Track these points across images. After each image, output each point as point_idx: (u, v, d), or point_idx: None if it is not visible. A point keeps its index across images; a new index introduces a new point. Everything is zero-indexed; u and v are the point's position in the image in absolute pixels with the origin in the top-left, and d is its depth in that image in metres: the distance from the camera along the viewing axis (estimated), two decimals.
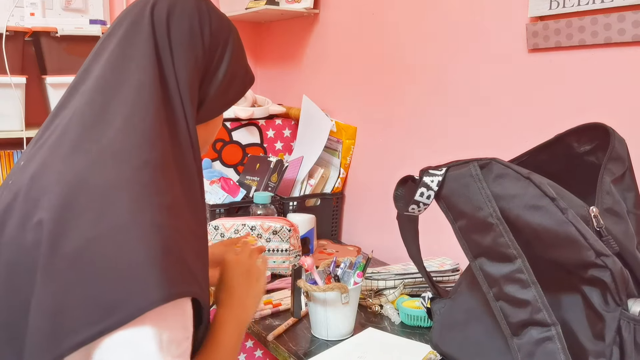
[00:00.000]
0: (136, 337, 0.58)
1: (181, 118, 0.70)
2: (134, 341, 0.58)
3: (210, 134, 0.82)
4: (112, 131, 0.64)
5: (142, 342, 0.58)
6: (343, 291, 1.01)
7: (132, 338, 0.58)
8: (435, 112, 1.46)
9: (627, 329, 0.73)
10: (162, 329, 0.59)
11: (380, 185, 1.65)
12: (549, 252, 0.78)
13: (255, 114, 1.80)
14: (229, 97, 0.79)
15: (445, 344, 0.97)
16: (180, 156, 0.69)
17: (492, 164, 0.81)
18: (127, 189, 0.61)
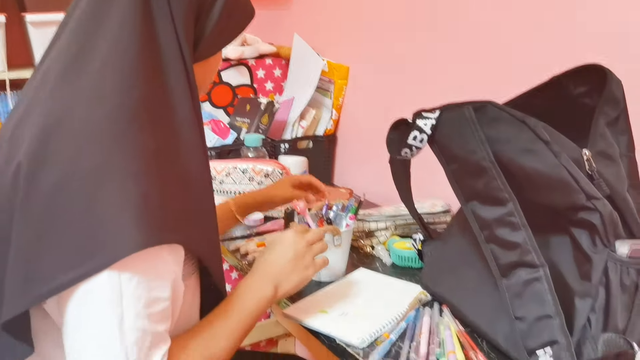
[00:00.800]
0: (96, 288, 0.56)
1: (174, 56, 0.66)
2: (94, 292, 0.56)
3: (209, 72, 0.78)
4: (91, 71, 0.62)
5: (100, 295, 0.56)
6: (335, 233, 1.02)
7: (93, 289, 0.56)
8: (430, 52, 1.43)
9: (613, 269, 0.74)
10: (128, 283, 0.57)
11: (373, 127, 1.63)
12: (541, 195, 0.79)
13: (245, 53, 1.76)
14: (227, 32, 0.75)
15: (436, 285, 0.99)
16: (169, 97, 0.65)
17: (487, 107, 0.80)
18: (103, 131, 0.59)
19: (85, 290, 0.56)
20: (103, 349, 0.57)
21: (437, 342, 0.86)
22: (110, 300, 0.56)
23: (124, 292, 0.57)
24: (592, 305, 0.75)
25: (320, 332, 0.91)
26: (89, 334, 0.57)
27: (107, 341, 0.57)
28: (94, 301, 0.57)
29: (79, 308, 0.57)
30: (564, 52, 1.13)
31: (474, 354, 0.84)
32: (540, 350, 0.77)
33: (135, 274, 0.58)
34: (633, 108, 0.83)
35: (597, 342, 0.74)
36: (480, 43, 1.29)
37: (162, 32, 0.66)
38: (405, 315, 0.93)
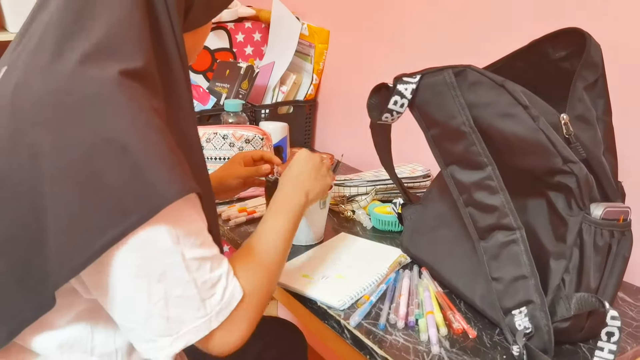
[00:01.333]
0: (152, 235, 0.59)
1: (166, 25, 0.67)
2: (150, 239, 0.60)
3: (199, 42, 0.79)
4: (94, 37, 0.62)
5: (158, 239, 0.60)
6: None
7: (149, 237, 0.59)
8: (412, 16, 1.41)
9: (587, 231, 0.76)
10: (177, 224, 0.61)
11: (354, 92, 1.62)
12: (519, 159, 0.80)
13: (224, 16, 1.72)
14: (216, 3, 0.76)
15: (415, 248, 1.01)
16: (165, 66, 0.67)
17: (467, 71, 0.80)
18: (118, 95, 0.60)
19: (140, 239, 0.59)
20: (174, 282, 0.61)
21: (416, 303, 0.88)
22: (169, 242, 0.60)
23: (177, 231, 0.61)
24: (566, 266, 0.77)
25: (302, 295, 0.92)
26: (157, 274, 0.61)
27: (177, 275, 0.61)
28: (154, 245, 0.60)
29: (139, 255, 0.60)
30: (545, 14, 1.12)
31: (452, 314, 0.86)
32: (515, 310, 0.79)
33: (182, 214, 0.62)
34: (611, 72, 0.84)
35: (570, 302, 0.76)
36: (462, 6, 1.28)
37: (156, 1, 0.66)
38: (385, 278, 0.95)
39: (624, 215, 0.78)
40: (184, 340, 0.63)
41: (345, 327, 0.85)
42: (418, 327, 0.84)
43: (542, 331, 0.76)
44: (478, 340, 0.82)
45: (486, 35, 1.24)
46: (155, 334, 0.63)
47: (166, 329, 0.63)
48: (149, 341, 0.63)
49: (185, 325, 0.63)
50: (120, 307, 0.63)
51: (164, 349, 0.63)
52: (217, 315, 0.65)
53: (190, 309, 0.63)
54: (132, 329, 0.64)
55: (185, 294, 0.62)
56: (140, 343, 0.64)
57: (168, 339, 0.63)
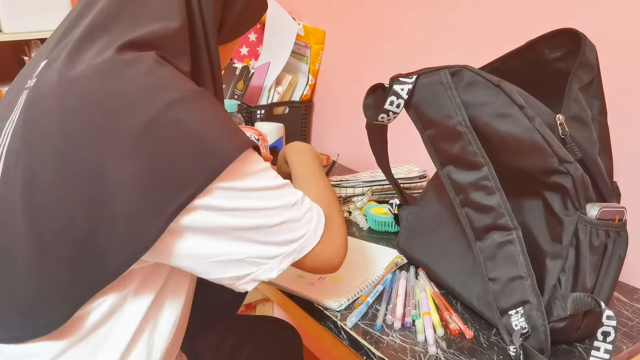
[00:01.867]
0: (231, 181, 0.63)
1: (200, 36, 0.71)
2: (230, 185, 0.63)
3: (228, 54, 0.84)
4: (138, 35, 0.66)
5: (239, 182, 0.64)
6: None
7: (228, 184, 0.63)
8: (408, 17, 1.41)
9: (583, 231, 0.76)
10: (255, 162, 0.66)
11: (350, 93, 1.62)
12: (515, 159, 0.80)
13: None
14: (247, 20, 0.81)
15: (412, 248, 1.01)
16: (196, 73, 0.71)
17: (463, 71, 0.80)
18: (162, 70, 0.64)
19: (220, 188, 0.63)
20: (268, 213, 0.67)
21: (412, 304, 0.88)
22: (250, 180, 0.65)
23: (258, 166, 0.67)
24: (562, 265, 0.77)
25: (298, 296, 0.92)
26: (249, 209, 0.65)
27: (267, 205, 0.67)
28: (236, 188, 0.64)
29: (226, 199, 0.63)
30: (540, 15, 1.13)
31: (449, 315, 0.86)
32: (512, 310, 0.79)
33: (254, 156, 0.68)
34: (606, 72, 0.84)
35: (566, 301, 0.77)
36: (458, 6, 1.28)
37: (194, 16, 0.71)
38: (382, 279, 0.95)
39: (620, 215, 0.78)
40: (290, 257, 0.70)
41: (342, 328, 0.84)
42: (415, 328, 0.84)
43: (539, 331, 0.77)
44: (475, 340, 0.82)
45: (482, 36, 1.24)
46: (265, 258, 0.68)
47: (274, 251, 0.68)
48: (259, 265, 0.68)
49: (289, 245, 0.69)
50: (224, 245, 0.66)
51: (274, 268, 0.69)
52: (315, 231, 0.71)
53: (291, 231, 0.68)
54: (238, 261, 0.67)
55: (282, 218, 0.67)
56: (249, 269, 0.68)
57: (277, 259, 0.69)
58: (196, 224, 0.63)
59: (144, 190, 0.60)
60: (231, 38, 0.81)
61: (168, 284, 0.73)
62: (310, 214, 0.71)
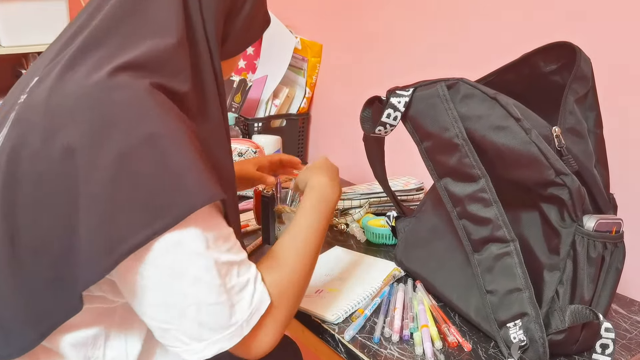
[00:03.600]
0: (184, 237, 0.60)
1: (204, 52, 0.70)
2: (182, 242, 0.60)
3: (229, 71, 0.83)
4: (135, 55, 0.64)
5: (190, 242, 0.60)
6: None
7: (181, 239, 0.60)
8: (404, 30, 1.42)
9: (580, 243, 0.76)
10: (207, 228, 0.62)
11: (347, 105, 1.63)
12: (512, 171, 0.80)
13: None
14: (249, 36, 0.80)
15: (409, 261, 1.01)
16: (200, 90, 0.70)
17: (460, 84, 0.81)
18: (151, 100, 0.62)
19: (173, 241, 0.60)
20: (206, 286, 0.62)
21: (410, 316, 0.88)
22: (202, 245, 0.61)
23: (208, 235, 0.62)
24: (560, 278, 0.77)
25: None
26: (190, 276, 0.61)
27: (209, 280, 0.62)
28: (187, 247, 0.61)
29: (172, 257, 0.60)
30: (535, 28, 1.14)
31: (447, 327, 0.85)
32: (510, 322, 0.79)
33: (211, 219, 0.63)
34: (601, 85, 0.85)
35: (564, 314, 0.76)
36: (453, 20, 1.30)
37: (197, 30, 0.69)
38: (380, 291, 0.95)
39: (617, 227, 0.78)
40: (216, 346, 0.64)
41: (340, 341, 0.84)
42: (413, 341, 0.83)
43: (537, 343, 0.76)
44: (473, 353, 0.82)
45: (478, 49, 1.25)
46: (188, 337, 0.63)
47: (198, 334, 0.63)
48: (183, 343, 0.64)
49: (217, 333, 0.64)
50: (154, 307, 0.63)
51: (197, 353, 0.64)
52: (248, 321, 0.66)
53: (222, 315, 0.63)
54: (166, 330, 0.64)
55: (217, 299, 0.63)
56: (174, 343, 0.64)
57: (201, 344, 0.64)
58: (139, 268, 0.61)
59: (106, 220, 0.58)
60: (234, 53, 0.80)
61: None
62: (248, 301, 0.66)
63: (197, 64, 0.69)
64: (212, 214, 0.64)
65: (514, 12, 1.17)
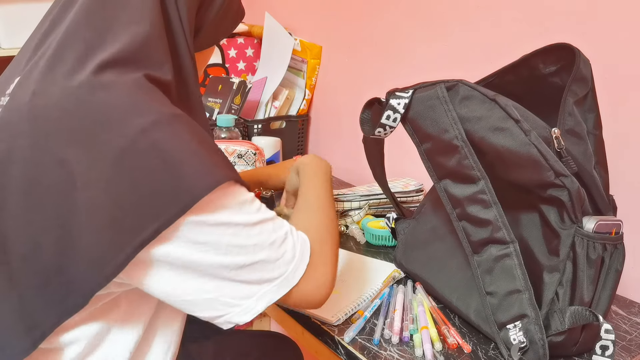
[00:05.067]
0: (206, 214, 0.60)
1: (182, 42, 0.69)
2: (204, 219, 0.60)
3: (203, 63, 0.81)
4: (115, 48, 0.63)
5: (214, 215, 0.60)
6: None
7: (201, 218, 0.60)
8: (403, 32, 1.43)
9: (580, 244, 0.76)
10: (228, 199, 0.62)
11: (347, 107, 1.63)
12: (511, 172, 0.80)
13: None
14: (223, 27, 0.78)
15: (409, 262, 1.01)
16: (182, 81, 0.68)
17: (459, 85, 0.81)
18: (140, 93, 0.61)
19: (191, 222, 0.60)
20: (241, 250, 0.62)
21: (410, 318, 0.88)
22: (224, 215, 0.61)
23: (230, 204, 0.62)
24: (559, 279, 0.77)
25: (295, 310, 0.91)
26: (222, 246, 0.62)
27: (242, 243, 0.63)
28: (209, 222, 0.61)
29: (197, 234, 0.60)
30: (535, 30, 1.14)
31: (446, 329, 0.85)
32: (510, 324, 0.79)
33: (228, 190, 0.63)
34: (600, 87, 0.85)
35: (564, 315, 0.76)
36: (453, 21, 1.30)
37: (173, 20, 0.68)
38: (380, 293, 0.95)
39: (616, 228, 0.78)
40: (267, 298, 0.65)
41: (340, 343, 0.84)
42: (413, 342, 0.83)
43: (537, 345, 0.76)
44: (473, 355, 0.82)
45: (478, 51, 1.25)
46: (237, 298, 0.64)
47: (248, 291, 0.64)
48: (233, 306, 0.64)
49: (265, 285, 0.64)
50: (195, 282, 0.63)
51: (249, 310, 0.64)
52: (294, 272, 0.67)
53: (266, 271, 0.64)
54: (211, 300, 0.64)
55: (256, 258, 0.63)
56: (223, 310, 0.64)
57: (252, 300, 0.64)
58: (163, 257, 0.61)
59: (110, 221, 0.58)
60: (207, 45, 0.78)
61: (160, 313, 0.72)
62: (291, 252, 0.67)
63: (176, 53, 0.68)
64: (227, 186, 0.62)
65: (514, 13, 1.17)
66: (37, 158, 0.59)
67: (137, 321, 0.70)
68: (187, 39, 0.69)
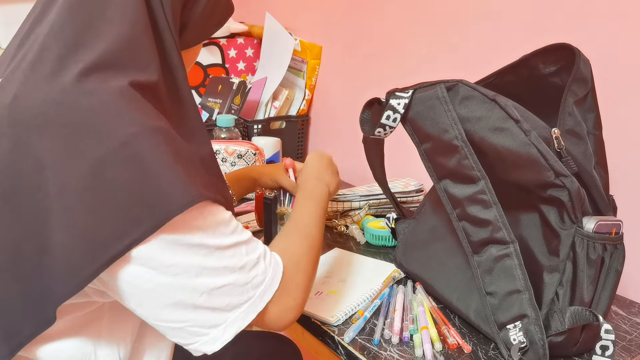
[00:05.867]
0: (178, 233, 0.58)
1: (170, 41, 0.67)
2: (176, 238, 0.59)
3: (190, 61, 0.79)
4: (98, 51, 0.61)
5: (186, 236, 0.59)
6: None
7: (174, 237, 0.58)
8: (403, 32, 1.43)
9: (580, 245, 0.76)
10: (202, 219, 0.60)
11: (346, 107, 1.63)
12: (511, 173, 0.80)
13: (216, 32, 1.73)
14: (210, 24, 0.77)
15: (409, 263, 1.01)
16: (172, 81, 0.67)
17: (459, 86, 0.81)
18: (124, 103, 0.59)
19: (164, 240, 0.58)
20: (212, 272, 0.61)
21: (410, 318, 0.88)
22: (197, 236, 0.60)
23: (204, 225, 0.60)
24: (560, 279, 0.77)
25: None
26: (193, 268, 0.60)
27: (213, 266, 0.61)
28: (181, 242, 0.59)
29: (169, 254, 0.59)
30: (535, 30, 1.14)
31: (446, 329, 0.85)
32: (510, 324, 0.79)
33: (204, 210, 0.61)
34: (600, 87, 0.85)
35: (564, 315, 0.76)
36: (453, 22, 1.30)
37: (158, 16, 0.66)
38: (379, 293, 0.95)
39: (616, 228, 0.78)
40: (234, 326, 0.64)
41: (340, 343, 0.84)
42: (413, 343, 0.83)
43: (537, 345, 0.76)
44: (473, 355, 0.82)
45: (478, 51, 1.25)
46: (206, 327, 0.63)
47: (215, 319, 0.63)
48: (201, 335, 0.63)
49: (232, 312, 0.63)
50: (163, 310, 0.61)
51: (217, 339, 0.63)
52: (262, 296, 0.65)
53: (234, 295, 0.63)
54: (179, 329, 0.62)
55: (225, 281, 0.62)
56: (191, 340, 0.63)
57: (219, 329, 0.63)
58: (131, 277, 0.59)
59: (83, 230, 0.56)
60: (194, 42, 0.76)
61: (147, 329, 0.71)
62: (261, 276, 0.65)
63: (163, 51, 0.66)
64: (203, 206, 0.61)
65: (514, 13, 1.17)
66: (17, 163, 0.58)
67: (122, 337, 0.69)
68: (174, 36, 0.67)
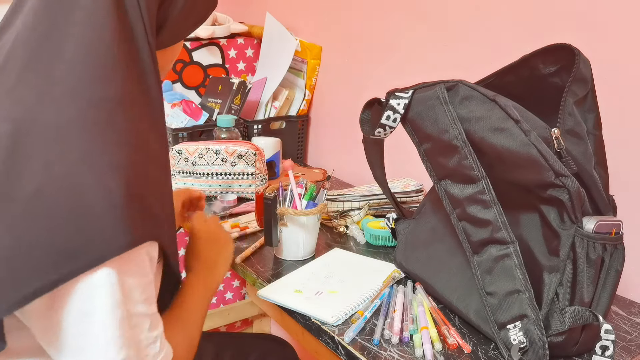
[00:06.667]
0: (98, 284, 0.56)
1: (144, 44, 0.63)
2: (95, 289, 0.56)
3: (168, 61, 0.76)
4: (63, 62, 0.58)
5: (103, 290, 0.56)
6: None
7: (94, 285, 0.56)
8: (403, 32, 1.43)
9: (580, 245, 0.76)
10: (124, 276, 0.57)
11: (346, 107, 1.63)
12: (511, 173, 0.80)
13: (216, 33, 1.73)
14: (191, 21, 0.73)
15: (409, 263, 1.01)
16: (145, 87, 0.63)
17: (459, 86, 0.81)
18: (81, 128, 0.56)
19: (85, 285, 0.56)
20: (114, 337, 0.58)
21: (410, 318, 0.88)
22: (114, 293, 0.57)
23: (124, 283, 0.58)
24: (560, 279, 0.77)
25: (295, 311, 0.91)
26: (100, 323, 0.57)
27: (115, 328, 0.58)
28: (99, 294, 0.56)
29: (82, 302, 0.56)
30: (535, 30, 1.14)
31: (446, 329, 0.85)
32: (510, 324, 0.79)
33: (130, 265, 0.58)
34: (600, 87, 0.85)
35: (564, 315, 0.76)
36: (452, 23, 1.30)
37: (132, 17, 0.62)
38: (379, 293, 0.95)
39: (616, 228, 0.78)
40: None
41: (340, 343, 0.84)
42: (413, 343, 0.83)
43: (537, 345, 0.76)
44: (473, 355, 0.81)
45: (477, 51, 1.25)
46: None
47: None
48: None
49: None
50: (70, 351, 0.58)
51: None
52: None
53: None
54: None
55: (124, 353, 0.58)
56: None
57: None
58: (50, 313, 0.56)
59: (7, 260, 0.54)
60: (171, 42, 0.72)
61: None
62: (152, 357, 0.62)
63: (137, 57, 0.62)
64: (132, 258, 0.58)
65: (514, 13, 1.17)
66: None
67: None
68: (149, 38, 0.64)
